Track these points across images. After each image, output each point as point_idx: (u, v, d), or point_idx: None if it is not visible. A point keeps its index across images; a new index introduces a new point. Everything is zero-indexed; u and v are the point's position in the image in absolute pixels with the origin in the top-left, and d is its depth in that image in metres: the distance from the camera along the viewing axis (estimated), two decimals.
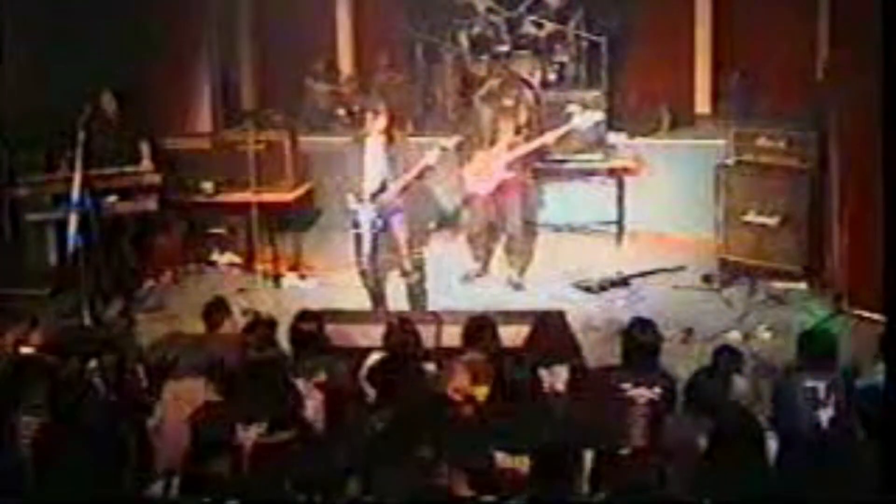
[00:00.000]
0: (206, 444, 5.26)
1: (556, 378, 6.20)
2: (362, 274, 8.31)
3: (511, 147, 8.97)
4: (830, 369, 6.04)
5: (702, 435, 5.36)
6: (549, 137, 9.12)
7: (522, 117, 9.14)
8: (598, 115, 9.27)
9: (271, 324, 6.72)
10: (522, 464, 5.27)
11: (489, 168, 9.01)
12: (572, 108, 9.51)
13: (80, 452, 5.28)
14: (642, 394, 5.92)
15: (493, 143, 9.04)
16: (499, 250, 9.36)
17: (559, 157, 10.02)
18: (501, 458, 5.34)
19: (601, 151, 10.05)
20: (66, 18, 9.04)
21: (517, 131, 9.03)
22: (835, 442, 5.69)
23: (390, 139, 8.07)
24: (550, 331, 6.66)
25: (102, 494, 5.18)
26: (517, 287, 9.09)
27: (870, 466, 5.03)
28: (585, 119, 9.14)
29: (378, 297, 8.39)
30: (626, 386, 5.93)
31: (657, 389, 5.93)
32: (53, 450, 5.38)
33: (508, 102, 9.15)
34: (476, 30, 11.08)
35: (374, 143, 8.08)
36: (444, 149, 8.19)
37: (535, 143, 9.03)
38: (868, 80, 7.12)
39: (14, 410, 5.72)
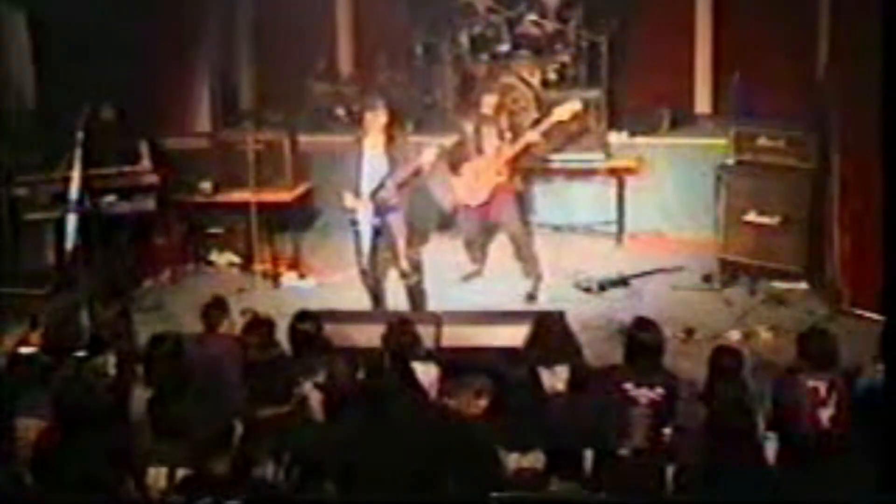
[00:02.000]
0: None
1: (557, 378, 6.20)
2: (362, 273, 8.30)
3: (497, 153, 8.95)
4: (830, 369, 6.04)
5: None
6: (531, 135, 9.10)
7: (504, 122, 9.12)
8: (577, 105, 9.22)
9: (270, 324, 6.71)
10: (538, 461, 5.25)
11: (479, 178, 8.98)
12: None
13: (78, 453, 5.26)
14: (645, 394, 5.92)
15: (479, 151, 9.01)
16: (507, 257, 9.30)
17: (559, 156, 10.03)
18: (515, 458, 5.33)
19: (601, 150, 10.05)
20: (66, 19, 9.03)
21: (500, 136, 9.00)
22: (835, 442, 5.68)
23: (390, 138, 8.06)
24: (550, 331, 6.66)
25: (101, 495, 5.17)
26: (531, 298, 8.96)
27: (870, 466, 5.02)
28: (565, 109, 9.11)
29: (378, 296, 8.37)
30: (629, 386, 5.93)
31: (659, 389, 5.93)
32: (52, 451, 5.37)
33: (487, 109, 9.12)
34: (476, 30, 11.06)
35: (374, 143, 8.07)
36: (441, 146, 8.17)
37: (521, 143, 9.00)
38: (868, 79, 7.11)
39: (12, 410, 5.71)
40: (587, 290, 9.08)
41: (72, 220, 8.10)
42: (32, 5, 9.14)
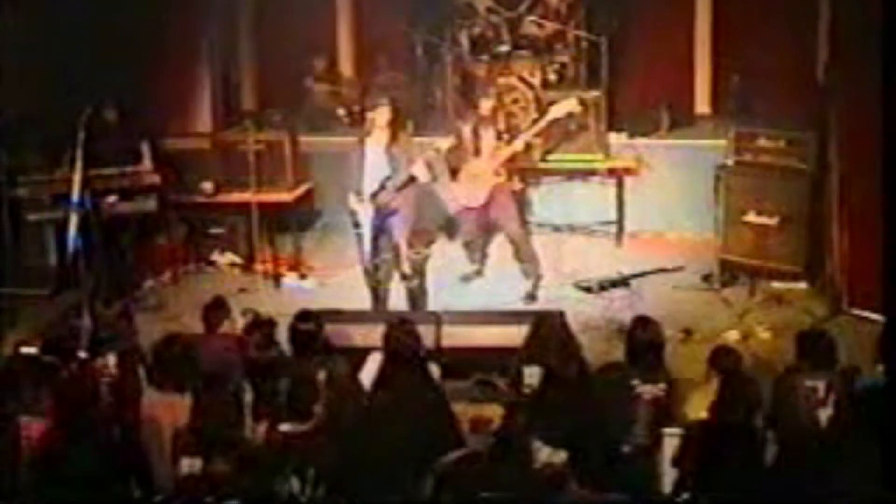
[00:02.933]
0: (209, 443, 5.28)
1: (533, 377, 6.23)
2: (366, 272, 8.30)
3: (495, 154, 8.96)
4: (830, 369, 6.05)
5: None
6: (528, 134, 9.13)
7: (501, 123, 9.14)
8: (574, 103, 9.24)
9: (271, 324, 6.72)
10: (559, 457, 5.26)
11: (477, 179, 8.98)
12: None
13: (80, 453, 5.27)
14: (649, 390, 5.94)
15: (477, 152, 9.02)
16: (507, 257, 9.31)
17: (559, 157, 10.04)
18: (547, 454, 5.33)
19: (601, 151, 10.07)
20: (67, 18, 9.04)
21: (498, 137, 9.01)
22: (835, 442, 5.69)
23: (393, 137, 8.03)
24: (550, 331, 6.67)
25: (103, 495, 5.18)
26: (531, 298, 8.97)
27: (870, 466, 5.04)
28: (561, 107, 9.13)
29: (380, 296, 8.36)
30: (635, 382, 5.94)
31: (662, 385, 5.95)
32: (54, 450, 5.38)
33: (486, 110, 9.13)
34: (476, 30, 11.07)
35: (376, 142, 8.06)
36: (437, 148, 8.16)
37: (518, 143, 9.01)
38: (868, 80, 7.12)
39: (14, 411, 5.72)
40: (587, 290, 9.09)
41: (73, 221, 8.09)
42: (32, 5, 9.13)
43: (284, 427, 5.50)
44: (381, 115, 8.02)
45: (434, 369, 6.54)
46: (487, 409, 6.53)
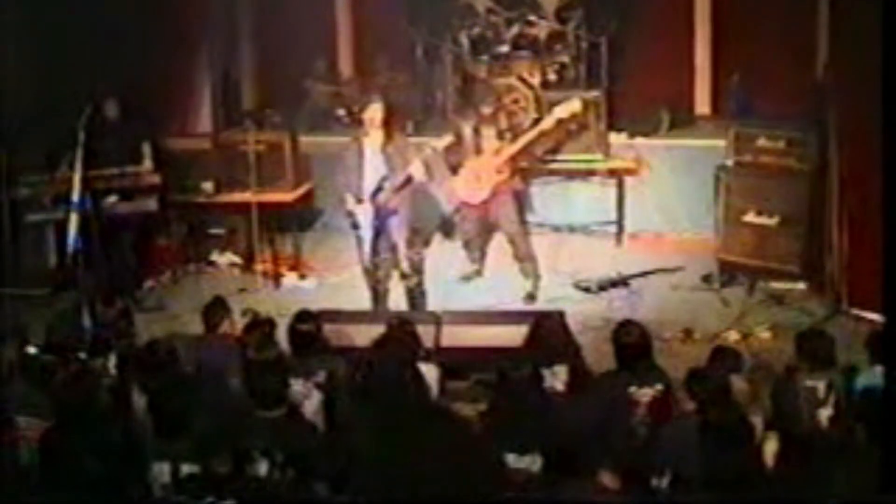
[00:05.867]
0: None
1: (556, 378, 6.22)
2: (366, 272, 8.31)
3: (497, 152, 8.96)
4: (830, 369, 6.05)
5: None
6: (531, 134, 9.13)
7: (503, 122, 9.14)
8: (577, 104, 9.25)
9: (271, 324, 6.72)
10: (534, 464, 5.26)
11: (479, 176, 8.99)
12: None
13: (80, 453, 5.27)
14: (646, 393, 5.93)
15: (478, 151, 9.03)
16: (507, 257, 9.31)
17: (559, 157, 10.04)
18: (513, 459, 5.33)
19: (601, 151, 10.07)
20: (66, 18, 9.05)
21: (500, 136, 9.02)
22: (835, 442, 5.70)
23: (388, 137, 8.04)
24: (550, 331, 6.67)
25: (103, 495, 5.18)
26: (531, 298, 8.97)
27: (870, 466, 5.04)
28: (565, 108, 9.14)
29: (380, 296, 8.36)
30: (633, 389, 5.93)
31: (659, 386, 5.95)
32: (54, 450, 5.38)
33: (487, 110, 9.13)
34: (476, 30, 11.08)
35: (373, 143, 8.06)
36: (434, 149, 8.17)
37: (521, 142, 9.02)
38: (868, 80, 7.12)
39: (14, 411, 5.73)
40: (587, 290, 9.10)
41: (73, 221, 8.10)
42: (33, 5, 9.14)
43: (260, 413, 5.50)
44: (373, 113, 8.02)
45: (433, 370, 6.55)
46: None
